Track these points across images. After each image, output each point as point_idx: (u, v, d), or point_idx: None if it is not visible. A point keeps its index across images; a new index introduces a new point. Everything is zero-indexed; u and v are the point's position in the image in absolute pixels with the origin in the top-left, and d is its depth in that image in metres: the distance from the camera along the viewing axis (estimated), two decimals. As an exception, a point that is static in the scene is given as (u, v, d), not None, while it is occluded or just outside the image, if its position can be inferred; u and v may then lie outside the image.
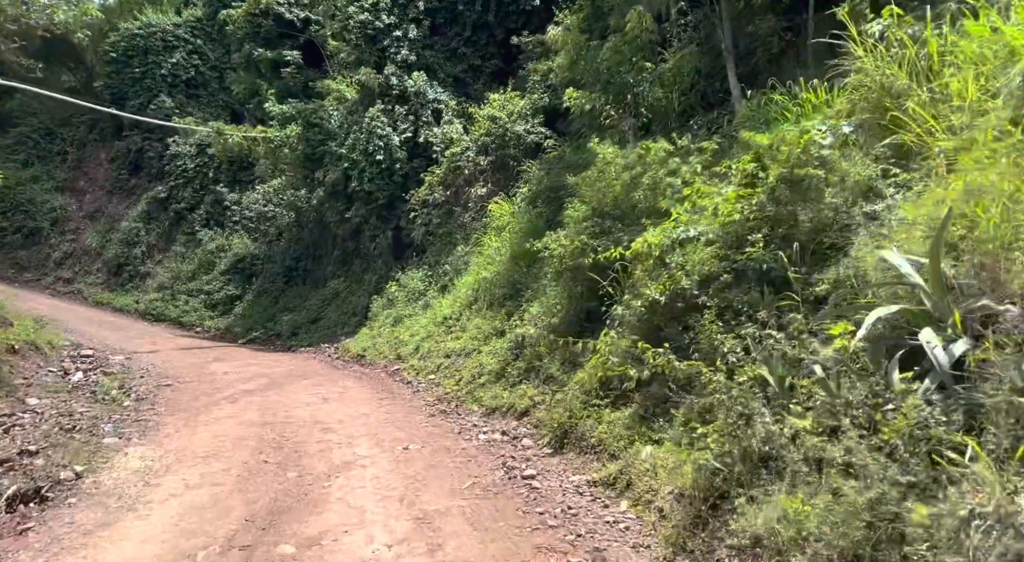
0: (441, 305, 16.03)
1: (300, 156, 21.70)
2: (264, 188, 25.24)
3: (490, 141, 18.01)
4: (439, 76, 21.29)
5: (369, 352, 16.79)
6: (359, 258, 22.16)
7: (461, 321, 14.63)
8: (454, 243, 18.39)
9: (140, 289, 27.93)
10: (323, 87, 22.57)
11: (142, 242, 29.06)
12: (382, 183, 20.11)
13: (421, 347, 14.84)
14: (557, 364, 9.57)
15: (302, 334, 21.65)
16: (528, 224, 14.56)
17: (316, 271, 24.46)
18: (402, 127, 20.40)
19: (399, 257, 20.65)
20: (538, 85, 18.91)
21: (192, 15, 31.98)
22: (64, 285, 28.74)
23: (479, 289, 14.76)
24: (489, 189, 17.60)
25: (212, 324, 25.08)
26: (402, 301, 18.32)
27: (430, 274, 18.63)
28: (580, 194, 10.50)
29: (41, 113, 32.90)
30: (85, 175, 32.21)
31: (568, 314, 10.26)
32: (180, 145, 29.82)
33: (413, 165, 20.52)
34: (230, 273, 26.88)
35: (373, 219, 20.75)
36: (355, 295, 21.02)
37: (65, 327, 20.30)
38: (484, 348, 12.51)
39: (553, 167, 15.44)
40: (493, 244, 15.65)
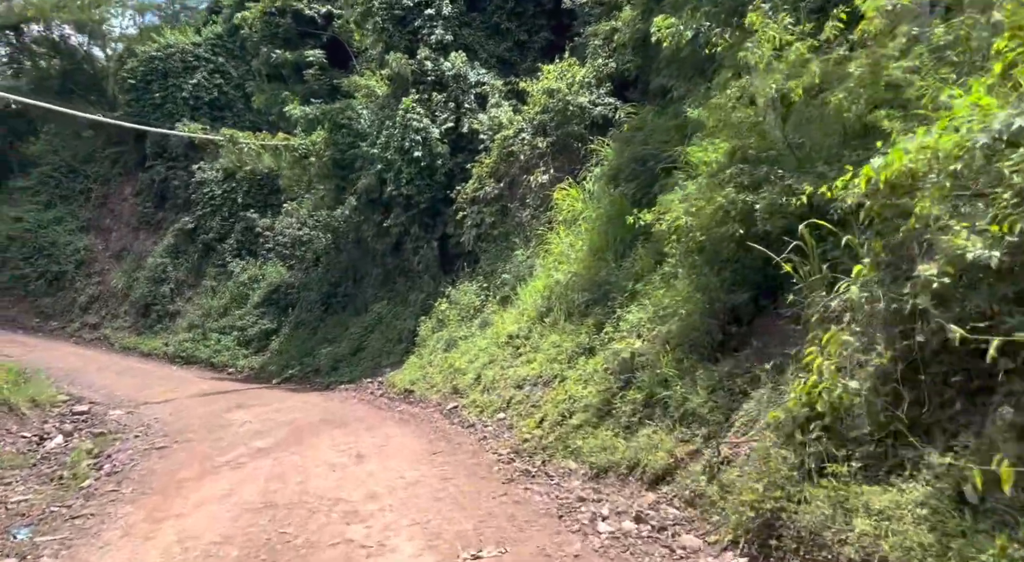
0: (503, 321, 12.72)
1: (328, 163, 18.80)
2: (292, 206, 22.47)
3: (548, 119, 14.74)
4: (480, 56, 18.18)
5: (418, 386, 13.54)
6: (402, 276, 19.05)
7: (531, 339, 11.28)
8: (512, 246, 15.10)
9: (169, 330, 25.37)
10: (350, 85, 19.71)
11: (170, 279, 26.58)
12: (422, 184, 17.01)
13: (483, 376, 11.51)
14: (700, 393, 6.12)
15: (342, 368, 18.56)
16: (610, 207, 11.20)
17: (356, 296, 21.46)
18: (441, 117, 17.30)
19: (448, 269, 17.44)
20: (600, 50, 15.62)
21: (212, 32, 29.78)
22: (90, 331, 26.41)
23: (551, 296, 11.42)
24: (551, 175, 14.30)
25: (245, 363, 22.26)
26: (454, 320, 15.09)
27: (486, 286, 15.36)
28: (708, 134, 7.09)
29: (63, 151, 31.04)
30: (110, 212, 30.11)
31: (700, 316, 6.81)
32: (206, 171, 27.39)
33: (457, 160, 17.37)
34: (264, 305, 24.11)
35: (415, 228, 17.62)
36: (400, 318, 17.87)
37: (72, 379, 17.72)
38: (570, 373, 9.12)
39: (634, 138, 12.05)
40: (564, 240, 12.31)
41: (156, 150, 28.97)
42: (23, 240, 28.55)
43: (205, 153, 28.08)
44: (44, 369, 18.77)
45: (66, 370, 19.01)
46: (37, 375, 16.84)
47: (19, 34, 30.90)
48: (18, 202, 30.00)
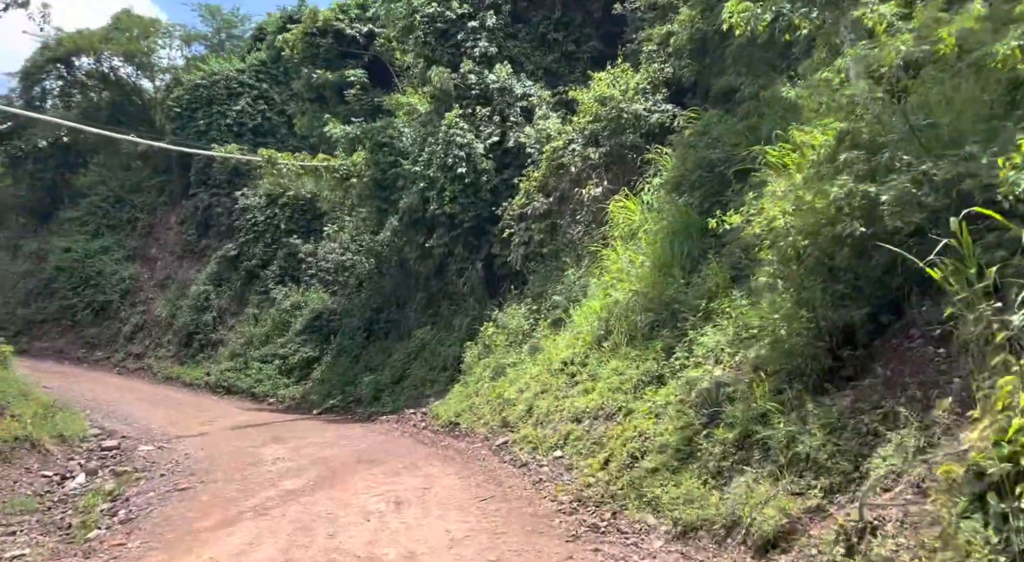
0: (556, 346, 11.60)
1: (369, 184, 18.05)
2: (332, 229, 21.81)
3: (600, 128, 13.70)
4: (526, 68, 17.29)
5: (464, 417, 12.46)
6: (446, 299, 18.09)
7: (589, 366, 10.13)
8: (562, 266, 14.03)
9: (211, 359, 24.83)
10: (391, 103, 19.02)
11: (212, 307, 26.12)
12: (466, 202, 16.08)
13: (535, 407, 10.38)
14: (816, 434, 4.90)
15: (385, 397, 17.60)
16: (675, 219, 10.06)
17: (400, 321, 20.56)
18: (486, 131, 16.41)
19: (494, 292, 16.43)
20: (655, 55, 14.59)
21: (256, 58, 29.67)
22: (134, 361, 26.05)
23: (610, 318, 10.27)
24: (605, 188, 13.21)
25: (286, 393, 21.49)
26: (502, 346, 14.02)
27: (535, 308, 14.29)
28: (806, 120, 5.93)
29: (111, 181, 31.13)
30: (156, 241, 29.99)
31: (802, 337, 5.61)
32: (249, 197, 27.03)
33: (503, 176, 16.44)
34: (306, 333, 23.38)
35: (459, 248, 16.68)
36: (444, 344, 16.86)
37: (108, 411, 17.13)
38: (637, 405, 7.94)
39: (698, 143, 10.91)
40: (622, 256, 11.17)
41: (200, 178, 28.79)
42: (71, 270, 28.53)
43: (248, 179, 27.84)
44: (82, 400, 18.31)
45: (104, 401, 18.49)
46: (70, 408, 16.38)
47: (70, 67, 31.33)
48: (67, 232, 30.11)
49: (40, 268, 29.69)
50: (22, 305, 29.21)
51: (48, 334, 28.24)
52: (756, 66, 10.69)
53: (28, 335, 28.38)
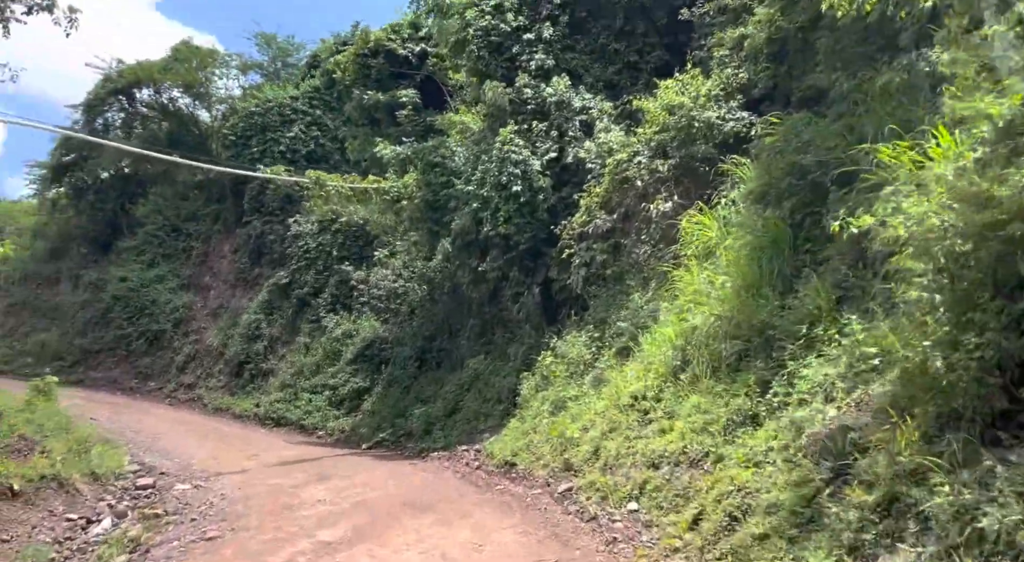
0: (623, 378, 10.36)
1: (421, 206, 17.22)
2: (381, 253, 21.07)
3: (669, 139, 12.54)
4: (585, 81, 16.29)
5: (522, 457, 11.26)
6: (500, 327, 17.02)
7: (664, 401, 8.88)
8: (627, 290, 12.82)
9: (262, 390, 24.24)
10: (444, 122, 18.28)
11: (264, 336, 25.63)
12: (522, 223, 15.06)
13: (603, 448, 9.14)
14: (1008, 504, 3.59)
15: (436, 432, 16.54)
16: (763, 233, 8.79)
17: (452, 350, 19.58)
18: (543, 147, 15.43)
19: (552, 318, 15.28)
20: (728, 60, 13.42)
21: (310, 85, 29.55)
22: (185, 392, 25.67)
23: (687, 347, 9.03)
24: (675, 203, 12.00)
25: (336, 425, 20.65)
26: (561, 377, 12.83)
27: (597, 336, 13.08)
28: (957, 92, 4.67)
29: (167, 210, 31.26)
30: (210, 270, 29.86)
31: (966, 371, 4.29)
32: (301, 224, 26.64)
33: (561, 195, 15.39)
34: (357, 362, 22.59)
35: (514, 272, 15.62)
36: (499, 375, 15.75)
37: (151, 444, 16.47)
38: (730, 450, 6.67)
39: (786, 149, 9.63)
40: (698, 277, 9.93)
41: (253, 205, 28.62)
42: (127, 299, 28.52)
43: (301, 206, 27.50)
44: (127, 432, 17.77)
45: (150, 434, 17.91)
46: (113, 441, 15.78)
47: (131, 99, 31.80)
48: (125, 262, 30.26)
49: (98, 298, 29.84)
50: (80, 335, 29.34)
51: (103, 364, 28.20)
52: (853, 60, 9.42)
53: (84, 365, 28.42)
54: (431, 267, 21.81)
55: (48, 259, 33.35)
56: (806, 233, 8.59)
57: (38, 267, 33.35)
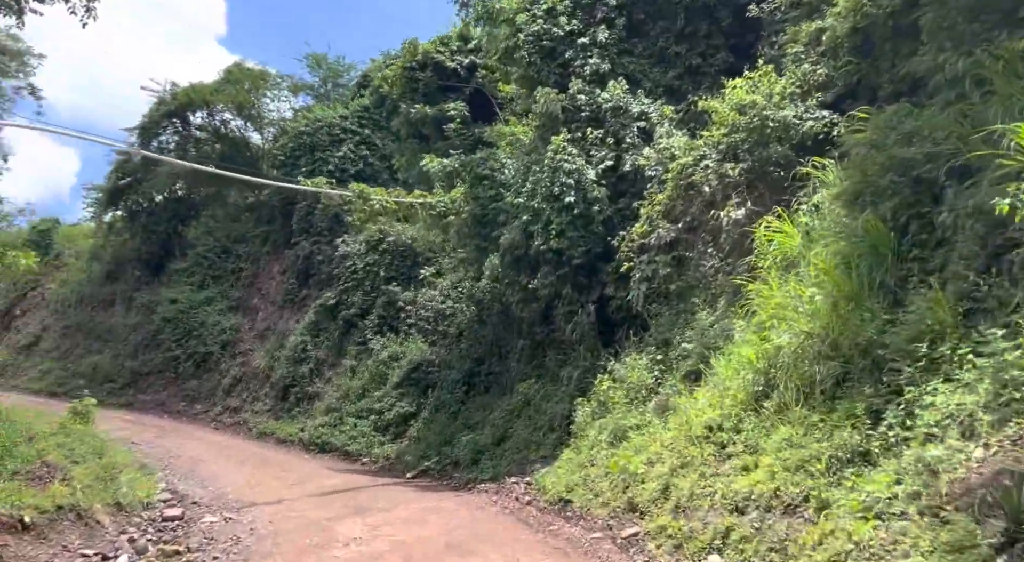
0: (695, 406, 9.14)
1: (468, 220, 16.34)
2: (427, 271, 20.24)
3: (740, 140, 11.37)
4: (644, 86, 15.25)
5: (578, 494, 10.09)
6: (552, 348, 15.90)
7: (744, 433, 7.65)
8: (693, 308, 11.63)
9: (307, 414, 23.53)
10: (493, 135, 17.46)
11: (310, 358, 24.99)
12: (575, 236, 14.01)
13: (673, 487, 7.93)
14: None
15: (484, 461, 15.44)
16: (861, 238, 7.56)
17: (501, 374, 18.52)
18: (598, 156, 14.42)
19: (608, 339, 14.11)
20: (803, 55, 12.24)
21: (359, 104, 29.24)
22: (231, 416, 25.14)
23: (771, 369, 7.81)
24: (748, 210, 10.79)
25: (380, 452, 19.73)
26: (621, 404, 11.65)
27: (659, 358, 11.90)
28: None
29: (218, 231, 31.19)
30: (258, 291, 29.52)
31: None
32: (349, 244, 26.09)
33: (618, 206, 14.33)
34: (404, 385, 21.71)
35: (567, 289, 14.52)
36: (550, 400, 14.61)
37: (189, 470, 15.79)
38: (837, 495, 5.45)
39: (883, 144, 8.38)
40: (780, 290, 8.70)
41: (302, 225, 28.25)
42: (176, 321, 28.33)
43: (349, 227, 27.05)
44: (166, 458, 17.17)
45: (189, 459, 17.27)
46: (150, 467, 15.16)
47: (185, 122, 32.03)
48: (176, 283, 30.19)
49: (149, 320, 29.79)
50: (130, 357, 29.26)
51: (152, 386, 27.99)
52: (963, 39, 8.16)
53: (134, 387, 28.27)
54: (480, 287, 20.94)
55: (103, 282, 33.62)
56: (912, 237, 7.34)
57: (94, 289, 33.64)
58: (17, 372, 31.66)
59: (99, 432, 15.09)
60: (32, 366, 31.58)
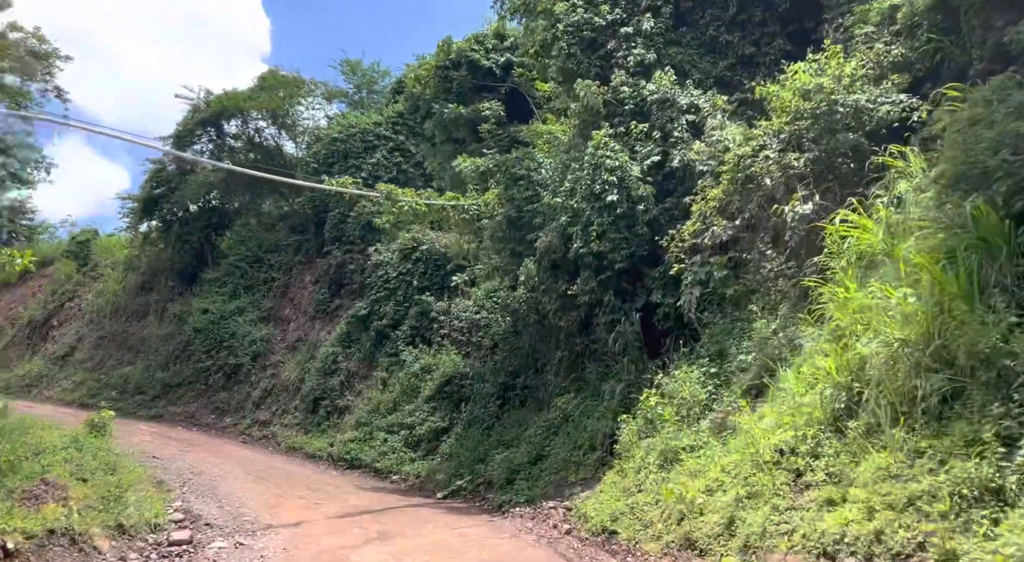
0: (761, 425, 7.94)
1: (503, 223, 15.35)
2: (460, 279, 19.28)
3: (805, 129, 10.19)
4: (693, 77, 14.13)
5: (625, 523, 8.93)
6: (593, 360, 14.75)
7: (824, 458, 6.47)
8: (750, 316, 10.42)
9: (336, 428, 22.66)
10: (529, 134, 16.48)
11: (341, 370, 24.17)
12: (618, 238, 12.90)
13: (740, 521, 6.75)
14: None
15: (519, 481, 14.33)
16: (963, 231, 6.35)
17: (538, 388, 17.42)
18: (643, 151, 13.33)
19: (654, 351, 12.96)
20: (874, 36, 11.04)
21: (393, 110, 28.58)
22: (260, 429, 24.38)
23: (855, 383, 6.61)
24: (816, 204, 9.58)
25: (411, 469, 18.73)
26: (671, 421, 10.46)
27: (714, 372, 10.73)
28: None
29: (251, 241, 30.71)
30: (290, 302, 28.86)
31: None
32: (381, 253, 25.30)
33: (664, 206, 13.20)
34: (436, 399, 20.73)
35: (609, 296, 13.38)
36: (591, 416, 13.46)
37: (207, 487, 14.91)
38: (971, 546, 4.23)
39: (990, 119, 7.14)
40: (862, 293, 7.49)
41: (334, 234, 27.59)
42: (207, 332, 27.78)
43: (382, 234, 26.32)
44: (186, 473, 16.35)
45: (210, 475, 16.44)
46: (167, 484, 14.38)
47: (220, 130, 31.75)
48: (207, 294, 29.74)
49: (180, 330, 29.33)
50: (161, 368, 28.80)
51: (182, 398, 27.44)
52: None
53: (164, 399, 27.75)
54: (515, 297, 19.99)
55: (138, 292, 33.37)
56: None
57: (128, 300, 33.40)
58: (51, 383, 31.48)
59: (116, 446, 14.37)
60: (66, 377, 31.37)
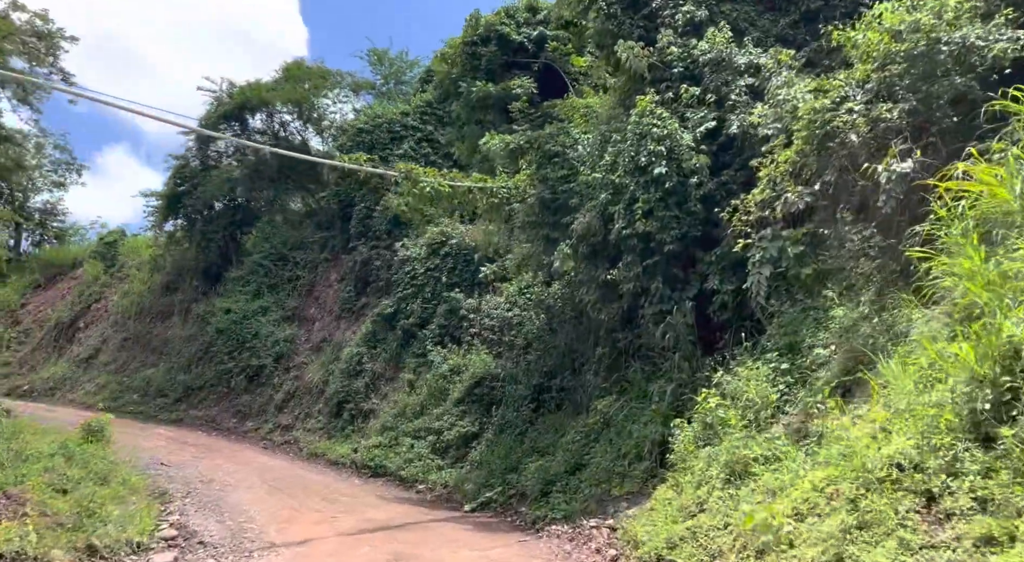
0: (862, 432, 6.24)
1: (535, 206, 13.81)
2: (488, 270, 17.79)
3: (898, 74, 8.45)
4: (751, 36, 12.44)
5: (686, 552, 7.28)
6: (638, 358, 13.09)
7: (968, 477, 4.75)
8: (826, 304, 8.73)
9: (361, 433, 21.31)
10: (564, 108, 14.93)
11: (365, 371, 22.82)
12: (667, 216, 11.26)
13: (848, 557, 5.08)
14: None
15: (555, 493, 12.74)
16: None
17: (575, 389, 15.81)
18: (695, 117, 11.67)
19: (710, 345, 11.28)
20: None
21: (421, 100, 27.27)
22: (281, 434, 23.14)
23: (1002, 377, 4.89)
24: (916, 162, 7.85)
25: (438, 478, 17.26)
26: (736, 426, 8.77)
27: (785, 368, 9.02)
28: None
29: (274, 238, 29.59)
30: (315, 300, 27.63)
31: None
32: (409, 248, 23.96)
33: (721, 179, 11.52)
34: (466, 402, 19.24)
35: (656, 283, 11.71)
36: (637, 421, 11.79)
37: (213, 499, 13.61)
38: None
39: None
40: (985, 262, 5.78)
41: (360, 229, 26.35)
42: (229, 332, 26.68)
43: (410, 229, 25.03)
44: (194, 482, 15.07)
45: (221, 484, 15.15)
46: (168, 495, 13.13)
47: (243, 125, 30.78)
48: (230, 293, 28.70)
49: (203, 331, 28.34)
50: (183, 371, 27.81)
51: (204, 401, 26.38)
52: None
53: (186, 402, 26.74)
54: (550, 292, 18.50)
55: (163, 292, 32.53)
56: None
57: (153, 301, 32.59)
58: (75, 386, 30.75)
59: (112, 453, 13.16)
60: (89, 379, 30.61)
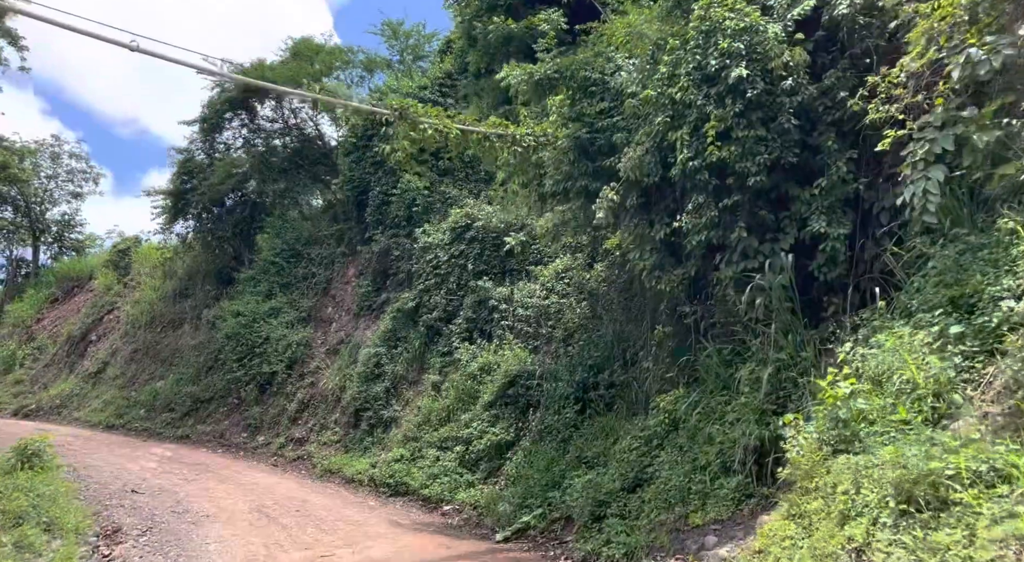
0: None
1: (570, 150, 10.81)
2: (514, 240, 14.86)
3: None
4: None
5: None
6: (712, 337, 9.92)
7: None
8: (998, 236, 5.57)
9: (381, 444, 18.51)
10: (603, 34, 11.96)
11: (385, 374, 20.03)
12: (750, 138, 8.15)
13: None
14: None
15: (610, 518, 9.69)
16: None
17: (629, 384, 12.76)
18: (781, 2, 8.58)
19: (816, 312, 8.14)
20: None
21: (441, 70, 24.59)
22: (294, 448, 20.44)
23: None
24: None
25: (466, 497, 14.34)
26: (890, 422, 5.63)
27: (959, 332, 5.85)
28: None
29: (287, 233, 27.02)
30: (332, 299, 24.98)
31: None
32: (430, 234, 21.14)
33: (822, 86, 8.38)
34: (498, 405, 16.28)
35: (738, 232, 8.55)
36: (720, 420, 8.65)
37: (180, 537, 10.84)
38: None
39: None
40: None
41: (376, 217, 23.66)
42: (238, 337, 24.10)
43: (431, 214, 22.35)
44: (167, 515, 12.27)
45: (195, 515, 12.30)
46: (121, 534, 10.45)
47: (252, 113, 28.44)
48: (241, 295, 26.23)
49: (212, 338, 25.91)
50: (191, 382, 25.36)
51: (213, 415, 23.87)
52: None
53: (193, 417, 24.25)
54: (593, 275, 15.64)
55: (175, 299, 30.31)
56: None
57: (165, 308, 30.37)
58: (82, 403, 28.59)
59: (53, 481, 10.55)
60: (96, 395, 28.41)
